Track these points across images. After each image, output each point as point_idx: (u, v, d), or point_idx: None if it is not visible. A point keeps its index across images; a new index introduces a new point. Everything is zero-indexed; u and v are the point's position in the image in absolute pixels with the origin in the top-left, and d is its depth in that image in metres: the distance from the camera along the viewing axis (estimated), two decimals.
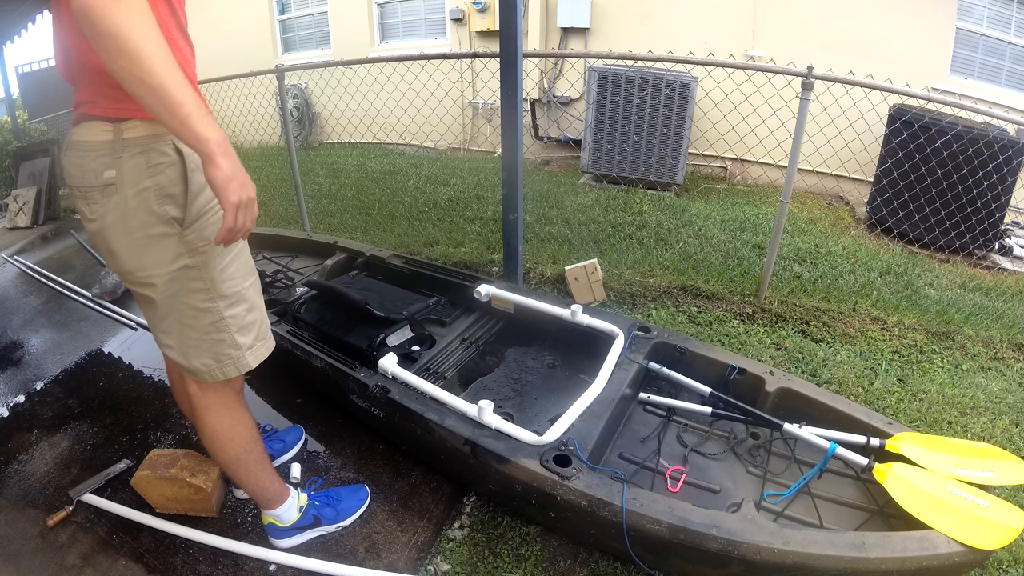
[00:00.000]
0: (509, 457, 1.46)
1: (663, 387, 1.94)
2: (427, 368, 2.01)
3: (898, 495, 1.38)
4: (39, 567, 1.55)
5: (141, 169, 1.09)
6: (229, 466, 1.45)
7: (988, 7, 4.53)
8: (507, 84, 2.28)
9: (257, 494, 1.51)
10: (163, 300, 1.19)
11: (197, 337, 1.24)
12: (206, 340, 1.25)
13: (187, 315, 1.22)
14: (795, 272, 3.13)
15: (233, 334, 1.26)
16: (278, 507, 1.53)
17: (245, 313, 1.28)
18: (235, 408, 1.40)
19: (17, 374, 2.56)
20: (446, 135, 6.07)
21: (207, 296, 1.21)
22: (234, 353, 1.28)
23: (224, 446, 1.40)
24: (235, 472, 1.46)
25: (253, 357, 1.32)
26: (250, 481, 1.48)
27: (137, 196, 1.09)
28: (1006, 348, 2.53)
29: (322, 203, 4.51)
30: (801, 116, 2.42)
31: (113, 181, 1.08)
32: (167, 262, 1.15)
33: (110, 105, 1.06)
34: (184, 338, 1.25)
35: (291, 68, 3.77)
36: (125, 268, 1.16)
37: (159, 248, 1.14)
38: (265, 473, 1.49)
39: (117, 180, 1.08)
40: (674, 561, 1.38)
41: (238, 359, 1.29)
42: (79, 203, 1.13)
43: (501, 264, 2.97)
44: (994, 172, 3.44)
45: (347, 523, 1.67)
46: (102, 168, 1.07)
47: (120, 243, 1.13)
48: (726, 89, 3.37)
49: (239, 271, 1.25)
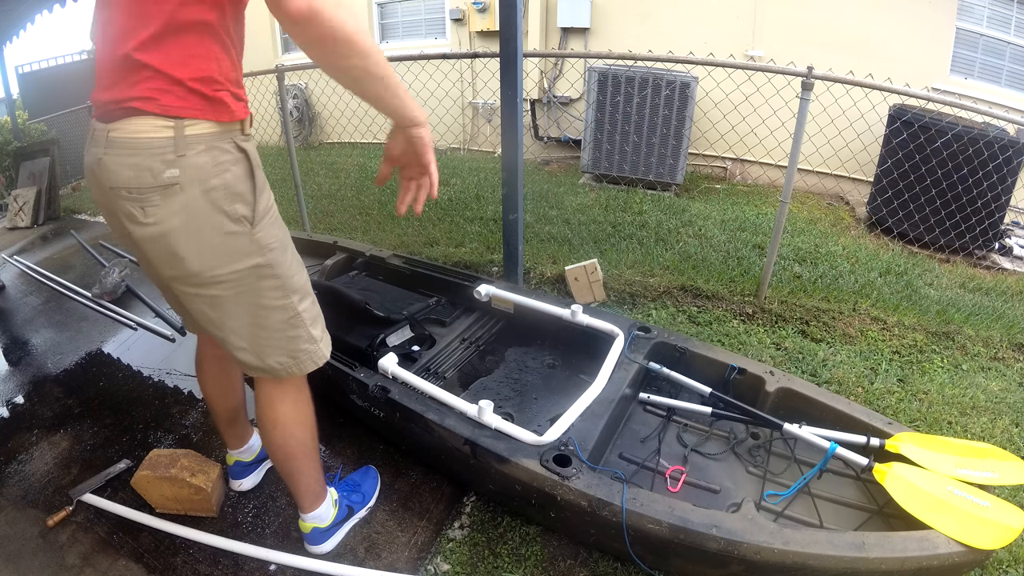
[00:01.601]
0: (509, 457, 1.46)
1: (663, 387, 1.94)
2: (427, 368, 2.01)
3: (898, 495, 1.38)
4: (39, 567, 1.55)
5: (208, 167, 1.05)
6: (296, 455, 1.40)
7: (988, 7, 4.53)
8: (507, 84, 2.28)
9: (309, 490, 1.48)
10: (232, 301, 1.15)
11: (269, 336, 1.22)
12: (280, 338, 1.23)
13: (259, 315, 1.19)
14: (795, 272, 3.13)
15: (308, 328, 1.27)
16: (320, 504, 1.51)
17: (312, 305, 1.29)
18: (307, 392, 1.39)
19: (17, 374, 2.56)
20: (446, 135, 6.08)
21: (282, 293, 1.20)
22: (310, 347, 1.28)
23: (295, 431, 1.38)
24: (300, 462, 1.41)
25: (326, 347, 1.33)
26: (310, 473, 1.45)
27: (205, 195, 1.05)
28: (1006, 348, 2.53)
29: (322, 203, 4.51)
30: (801, 116, 2.42)
31: (176, 180, 1.02)
32: (238, 261, 1.12)
33: (173, 102, 1.01)
34: (256, 338, 1.22)
35: (291, 68, 3.77)
36: (191, 271, 1.10)
37: (231, 247, 1.11)
38: (318, 464, 1.48)
39: (181, 179, 1.03)
40: (674, 561, 1.38)
41: (314, 352, 1.29)
42: (128, 206, 1.04)
43: (501, 264, 2.97)
44: (994, 172, 3.44)
45: (372, 503, 1.72)
46: (162, 167, 1.01)
47: (188, 245, 1.07)
48: (726, 89, 3.37)
49: (297, 264, 1.26)
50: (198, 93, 1.02)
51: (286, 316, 1.22)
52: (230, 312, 1.17)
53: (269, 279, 1.17)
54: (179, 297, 1.18)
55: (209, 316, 1.18)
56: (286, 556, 1.55)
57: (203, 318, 1.19)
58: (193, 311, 1.19)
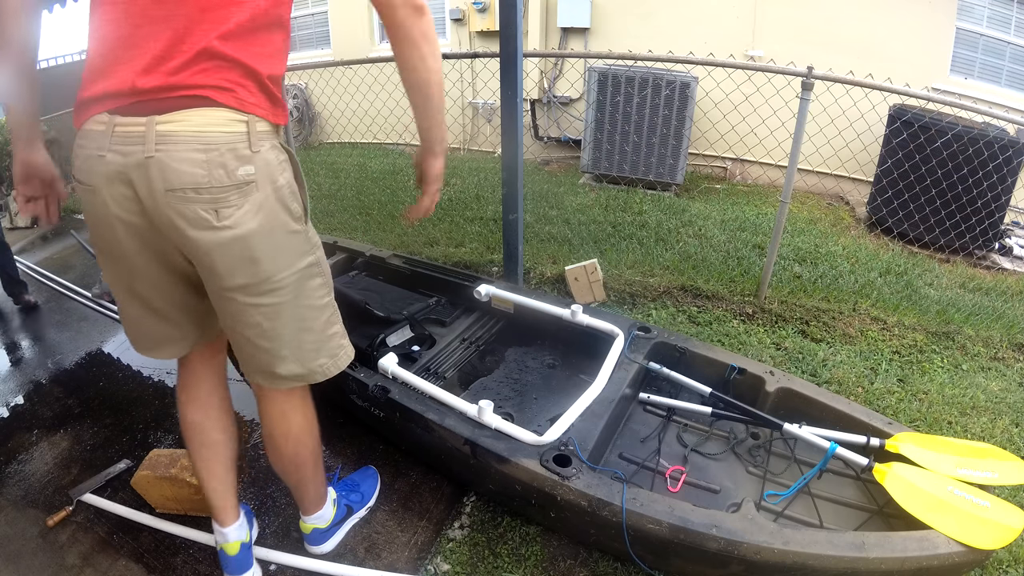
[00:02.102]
0: (509, 457, 1.46)
1: (663, 387, 1.94)
2: (427, 368, 2.01)
3: (898, 495, 1.38)
4: (39, 567, 1.55)
5: (275, 164, 1.01)
6: (307, 463, 1.37)
7: (988, 7, 4.53)
8: (507, 84, 2.28)
9: (314, 493, 1.46)
10: (289, 306, 1.10)
11: (316, 339, 1.18)
12: (322, 338, 1.20)
13: (307, 317, 1.15)
14: (795, 272, 3.13)
15: (339, 323, 1.25)
16: (322, 508, 1.51)
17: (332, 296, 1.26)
18: (311, 398, 1.34)
19: (17, 374, 2.56)
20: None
21: (327, 290, 1.19)
22: (344, 342, 1.26)
23: (307, 440, 1.35)
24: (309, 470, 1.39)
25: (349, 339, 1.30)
26: (316, 479, 1.43)
27: (275, 193, 1.01)
28: (1006, 348, 2.53)
29: (322, 203, 4.50)
30: (801, 116, 2.42)
31: (253, 178, 0.96)
32: (299, 261, 1.09)
33: (248, 97, 0.95)
34: (302, 344, 1.16)
35: (291, 68, 3.76)
36: (263, 276, 1.04)
37: (294, 247, 1.08)
38: (323, 469, 1.46)
39: (256, 177, 0.97)
40: (674, 561, 1.38)
41: (347, 347, 1.27)
42: (198, 209, 0.94)
43: (501, 264, 2.97)
44: (994, 172, 3.44)
45: (372, 503, 1.71)
46: (237, 164, 0.95)
47: (265, 247, 1.01)
48: (726, 89, 3.37)
49: None
50: (268, 92, 0.99)
51: (328, 314, 1.20)
52: (285, 319, 1.11)
53: (317, 277, 1.15)
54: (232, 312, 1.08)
55: (263, 328, 1.10)
56: (286, 556, 1.55)
57: (255, 331, 1.10)
58: (247, 325, 1.09)
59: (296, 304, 1.11)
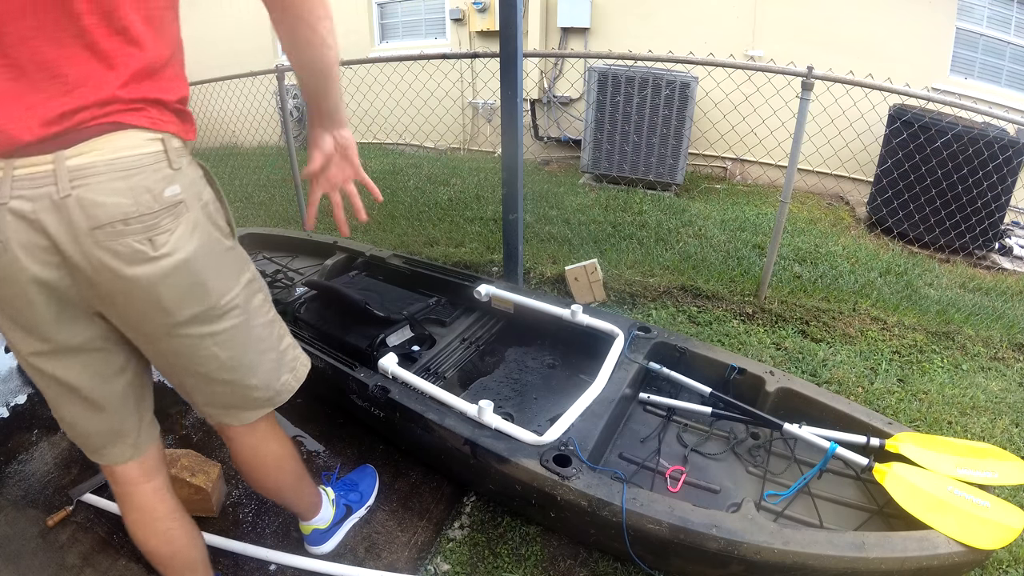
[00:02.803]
0: (509, 457, 1.46)
1: (663, 387, 1.94)
2: (427, 368, 2.01)
3: (898, 495, 1.38)
4: (39, 567, 1.55)
5: (198, 180, 0.94)
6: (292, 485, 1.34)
7: (988, 7, 4.53)
8: (507, 84, 2.28)
9: (307, 503, 1.45)
10: (242, 329, 1.03)
11: (276, 357, 1.12)
12: (279, 353, 1.13)
13: (262, 337, 1.08)
14: (795, 272, 3.13)
15: (288, 334, 1.18)
16: (319, 511, 1.50)
17: None
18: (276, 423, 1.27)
19: (17, 374, 2.56)
20: (446, 135, 6.07)
21: (270, 303, 1.11)
22: (298, 352, 1.20)
23: (287, 464, 1.30)
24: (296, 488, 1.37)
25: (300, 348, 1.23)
26: (305, 490, 1.41)
27: (204, 210, 0.94)
28: (1006, 348, 2.53)
29: (322, 203, 4.50)
30: (801, 116, 2.42)
31: (180, 197, 0.89)
32: (239, 278, 1.02)
33: (157, 115, 0.87)
34: (264, 365, 1.09)
35: (291, 68, 3.77)
36: (214, 299, 0.96)
37: (232, 264, 1.01)
38: (309, 478, 1.44)
39: (184, 195, 0.89)
40: (674, 561, 1.38)
41: (302, 356, 1.21)
42: (131, 242, 0.84)
43: (501, 264, 2.97)
44: (994, 172, 3.44)
45: (371, 502, 1.70)
46: (163, 185, 0.86)
47: (208, 267, 0.94)
48: (726, 89, 3.37)
49: None
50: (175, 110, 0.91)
51: (277, 328, 1.14)
52: (242, 344, 1.04)
53: (259, 292, 1.08)
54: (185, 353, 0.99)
55: (222, 360, 1.02)
56: (286, 556, 1.55)
57: (215, 366, 1.02)
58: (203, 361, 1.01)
59: (249, 325, 1.04)
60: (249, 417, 1.15)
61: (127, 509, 1.16)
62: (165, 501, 1.18)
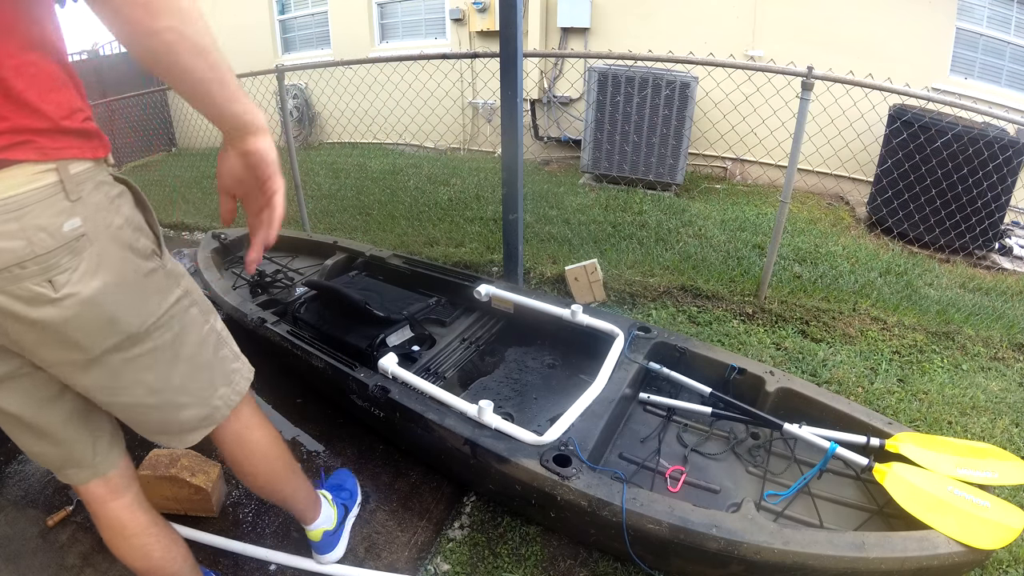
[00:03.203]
0: (509, 457, 1.46)
1: (663, 387, 1.94)
2: (427, 368, 2.01)
3: (898, 495, 1.38)
4: (39, 567, 1.55)
5: (105, 206, 0.86)
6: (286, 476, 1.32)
7: (988, 7, 4.53)
8: (507, 84, 2.28)
9: (305, 497, 1.42)
10: (168, 349, 0.99)
11: (210, 373, 1.08)
12: (215, 369, 1.09)
13: (195, 353, 1.04)
14: (795, 272, 3.13)
15: (230, 345, 1.14)
16: (320, 509, 1.49)
17: (219, 319, 1.13)
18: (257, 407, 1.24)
19: None
20: (446, 135, 6.07)
21: (204, 318, 1.07)
22: (238, 365, 1.16)
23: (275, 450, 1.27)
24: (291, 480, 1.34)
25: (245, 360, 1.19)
26: (301, 485, 1.39)
27: (114, 238, 0.87)
28: (1006, 348, 2.53)
29: (322, 203, 4.51)
30: (801, 116, 2.42)
31: (81, 230, 0.82)
32: (163, 301, 0.97)
33: (47, 143, 0.79)
34: (198, 382, 1.06)
35: (291, 68, 3.78)
36: (130, 330, 0.91)
37: (153, 288, 0.95)
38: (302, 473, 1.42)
39: (86, 228, 0.83)
40: (674, 561, 1.38)
41: (243, 369, 1.17)
42: (29, 286, 0.79)
43: (501, 264, 2.97)
44: (994, 172, 3.44)
45: (360, 498, 1.73)
46: (60, 220, 0.80)
47: (119, 302, 0.88)
48: (726, 89, 3.37)
49: None
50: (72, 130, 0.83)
51: (212, 342, 1.08)
52: (169, 364, 1.00)
53: (191, 308, 1.03)
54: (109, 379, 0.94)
55: (149, 383, 0.98)
56: (286, 556, 1.55)
57: (142, 391, 0.98)
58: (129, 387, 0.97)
59: (178, 343, 1.00)
60: (189, 437, 1.10)
61: (99, 526, 1.15)
62: (137, 517, 1.14)
